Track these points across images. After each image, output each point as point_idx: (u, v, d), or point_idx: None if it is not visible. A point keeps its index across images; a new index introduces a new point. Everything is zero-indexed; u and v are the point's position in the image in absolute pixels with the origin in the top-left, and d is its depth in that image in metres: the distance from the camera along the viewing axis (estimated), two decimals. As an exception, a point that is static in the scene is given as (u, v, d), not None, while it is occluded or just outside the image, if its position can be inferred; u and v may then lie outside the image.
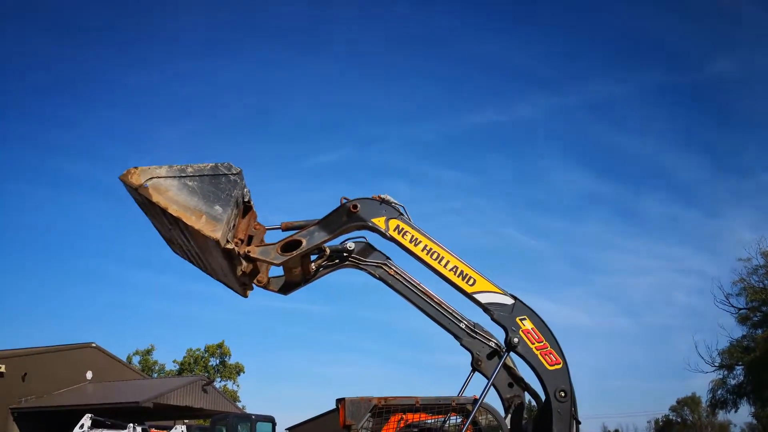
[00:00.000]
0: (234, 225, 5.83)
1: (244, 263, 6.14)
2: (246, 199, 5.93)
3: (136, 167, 5.59)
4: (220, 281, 6.70)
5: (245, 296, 6.71)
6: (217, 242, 5.51)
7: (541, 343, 5.72)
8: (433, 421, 5.90)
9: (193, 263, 6.61)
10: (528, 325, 5.78)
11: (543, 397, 5.79)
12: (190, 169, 5.66)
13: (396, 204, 6.10)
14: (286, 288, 6.68)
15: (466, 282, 5.92)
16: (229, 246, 5.69)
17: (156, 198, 5.51)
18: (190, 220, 5.50)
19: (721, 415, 68.89)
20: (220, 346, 73.48)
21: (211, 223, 5.50)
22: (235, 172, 5.73)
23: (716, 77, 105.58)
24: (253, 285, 6.59)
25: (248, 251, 6.01)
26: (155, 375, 65.74)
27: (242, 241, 5.98)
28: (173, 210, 5.51)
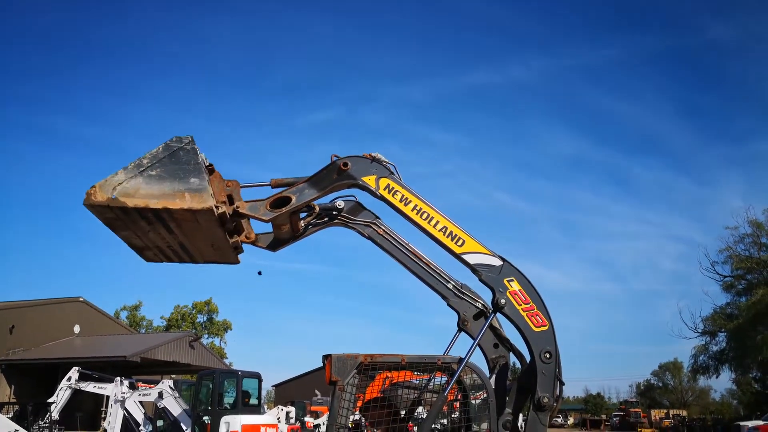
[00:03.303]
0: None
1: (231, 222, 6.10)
2: (207, 163, 5.78)
3: (93, 186, 5.28)
4: (209, 261, 6.63)
5: (237, 262, 6.67)
6: (211, 211, 5.40)
7: (528, 305, 5.74)
8: (418, 381, 5.96)
9: (173, 260, 6.48)
10: (515, 286, 5.79)
11: (528, 358, 5.84)
12: (145, 161, 5.42)
13: (387, 163, 6.05)
14: (275, 245, 6.66)
15: (455, 242, 5.91)
16: (221, 211, 5.63)
17: (132, 202, 5.26)
18: (176, 204, 5.32)
19: (702, 381, 70.54)
20: (207, 303, 73.99)
21: (196, 196, 5.37)
22: (187, 141, 5.56)
23: (711, 43, 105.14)
24: (243, 247, 6.56)
25: (237, 207, 5.97)
26: (143, 330, 66.12)
27: (224, 202, 5.91)
28: (155, 203, 5.29)
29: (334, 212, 6.55)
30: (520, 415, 5.88)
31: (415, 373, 5.84)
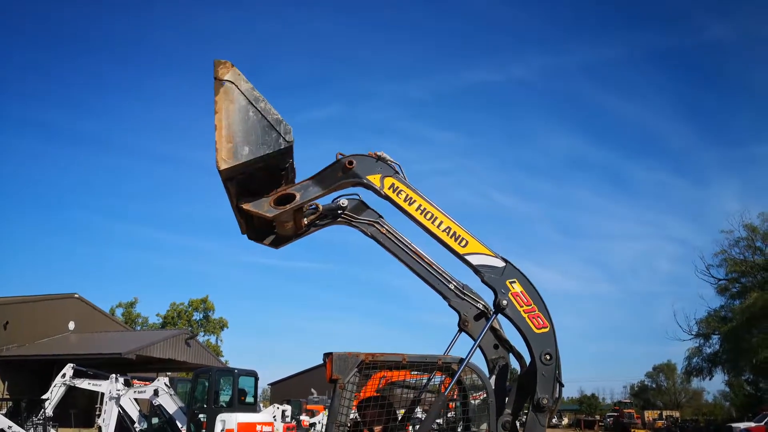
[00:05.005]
0: (251, 175, 5.80)
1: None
2: (282, 167, 5.86)
3: (233, 65, 5.65)
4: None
5: (242, 233, 6.67)
6: (218, 169, 5.54)
7: (530, 307, 5.75)
8: (416, 380, 5.95)
9: None
10: (517, 288, 5.79)
11: (528, 360, 5.85)
12: (262, 104, 5.65)
13: (392, 162, 6.05)
14: (277, 242, 6.66)
15: (459, 243, 5.91)
16: (227, 182, 5.73)
17: (219, 98, 5.59)
18: (220, 137, 5.53)
19: (695, 383, 70.86)
20: (204, 300, 73.78)
21: (230, 153, 5.50)
22: (288, 139, 5.61)
23: (712, 43, 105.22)
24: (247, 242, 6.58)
25: (241, 204, 5.97)
26: (138, 328, 65.92)
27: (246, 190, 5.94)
28: (217, 118, 5.56)
29: (338, 210, 6.55)
30: (519, 415, 5.90)
31: (413, 373, 5.85)
